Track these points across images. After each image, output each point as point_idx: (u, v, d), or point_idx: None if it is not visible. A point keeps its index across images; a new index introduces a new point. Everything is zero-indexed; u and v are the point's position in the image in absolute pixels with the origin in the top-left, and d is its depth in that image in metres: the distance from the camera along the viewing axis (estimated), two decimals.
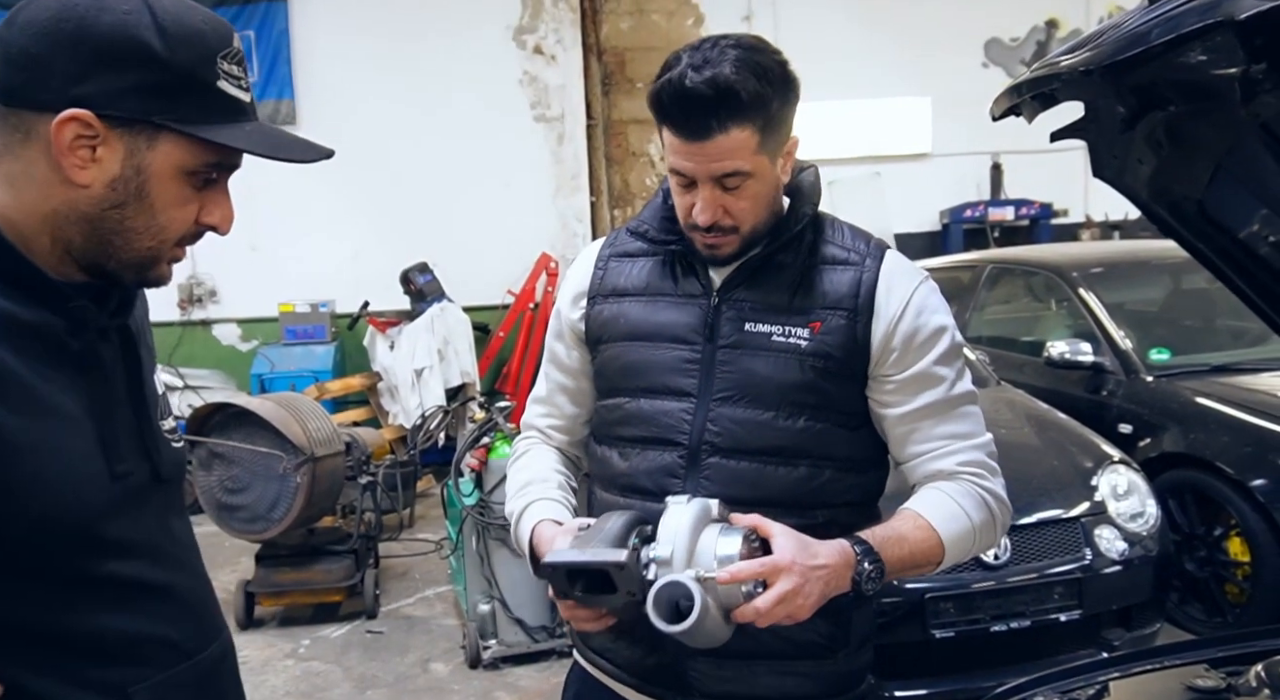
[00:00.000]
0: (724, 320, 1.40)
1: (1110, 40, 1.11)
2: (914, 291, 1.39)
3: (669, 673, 1.41)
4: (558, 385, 1.57)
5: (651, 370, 1.41)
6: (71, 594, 0.97)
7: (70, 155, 0.94)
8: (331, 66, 6.97)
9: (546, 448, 1.59)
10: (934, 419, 1.39)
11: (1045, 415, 3.81)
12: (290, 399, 4.37)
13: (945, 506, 1.36)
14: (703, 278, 1.43)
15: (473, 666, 3.84)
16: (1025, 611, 2.95)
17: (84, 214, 0.97)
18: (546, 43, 7.29)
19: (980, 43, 8.21)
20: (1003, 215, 7.97)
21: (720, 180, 1.31)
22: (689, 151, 1.30)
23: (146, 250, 1.01)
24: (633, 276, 1.48)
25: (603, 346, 1.48)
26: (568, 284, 1.56)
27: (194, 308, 7.03)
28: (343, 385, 6.36)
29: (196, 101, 0.97)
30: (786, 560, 1.17)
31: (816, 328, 1.37)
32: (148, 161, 0.96)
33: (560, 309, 1.55)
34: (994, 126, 1.71)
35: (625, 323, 1.45)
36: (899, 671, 2.92)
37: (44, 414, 0.94)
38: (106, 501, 0.99)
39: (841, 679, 1.44)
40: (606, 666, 1.50)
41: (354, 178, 6.96)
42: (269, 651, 4.09)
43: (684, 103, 1.26)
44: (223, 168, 1.02)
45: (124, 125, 0.94)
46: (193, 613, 1.10)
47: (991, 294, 5.52)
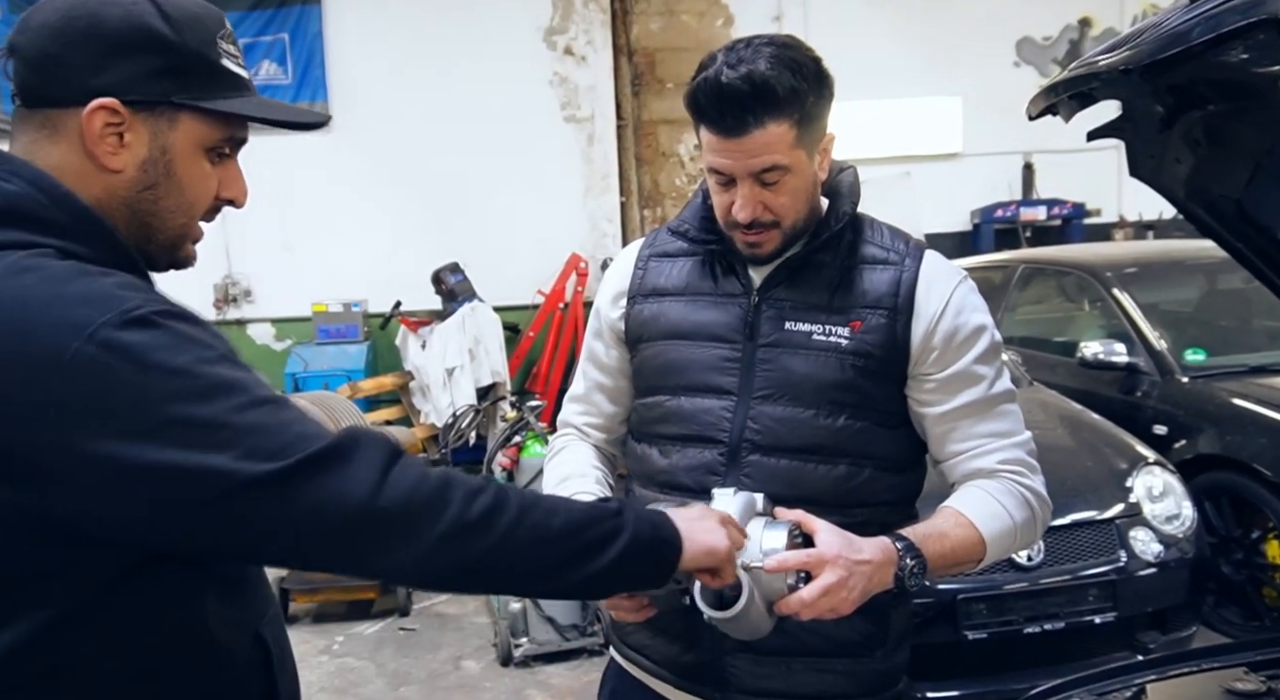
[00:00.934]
0: (764, 319, 1.41)
1: (1150, 39, 1.11)
2: (954, 291, 1.41)
3: (707, 669, 1.42)
4: (595, 384, 1.59)
5: (691, 368, 1.42)
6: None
7: (101, 143, 0.99)
8: (364, 69, 7.04)
9: (584, 444, 1.61)
10: (974, 418, 1.40)
11: (1079, 416, 3.78)
12: (325, 397, 4.39)
13: (986, 504, 1.37)
14: (743, 277, 1.44)
15: (504, 664, 3.87)
16: (1059, 613, 2.93)
17: (123, 199, 1.02)
18: (577, 43, 7.31)
19: (1012, 42, 8.14)
20: (1035, 215, 7.90)
21: (759, 176, 1.32)
22: (727, 148, 1.31)
23: (180, 227, 1.07)
24: (672, 276, 1.49)
25: (642, 345, 1.49)
26: (608, 284, 1.58)
27: (229, 307, 7.10)
28: (375, 384, 6.42)
29: (206, 79, 1.03)
30: (832, 553, 1.18)
31: (857, 327, 1.38)
32: (171, 141, 1.02)
33: (600, 308, 1.58)
34: (1026, 126, 1.71)
35: (665, 322, 1.46)
36: (930, 672, 2.91)
37: None
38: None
39: (878, 678, 1.45)
40: (644, 663, 1.51)
41: (386, 179, 7.03)
42: (303, 647, 4.14)
43: (720, 99, 1.28)
44: (234, 141, 1.09)
45: (145, 109, 1.00)
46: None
47: (1023, 294, 5.49)
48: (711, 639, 1.36)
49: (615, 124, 7.47)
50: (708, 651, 1.41)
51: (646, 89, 7.78)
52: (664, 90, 7.75)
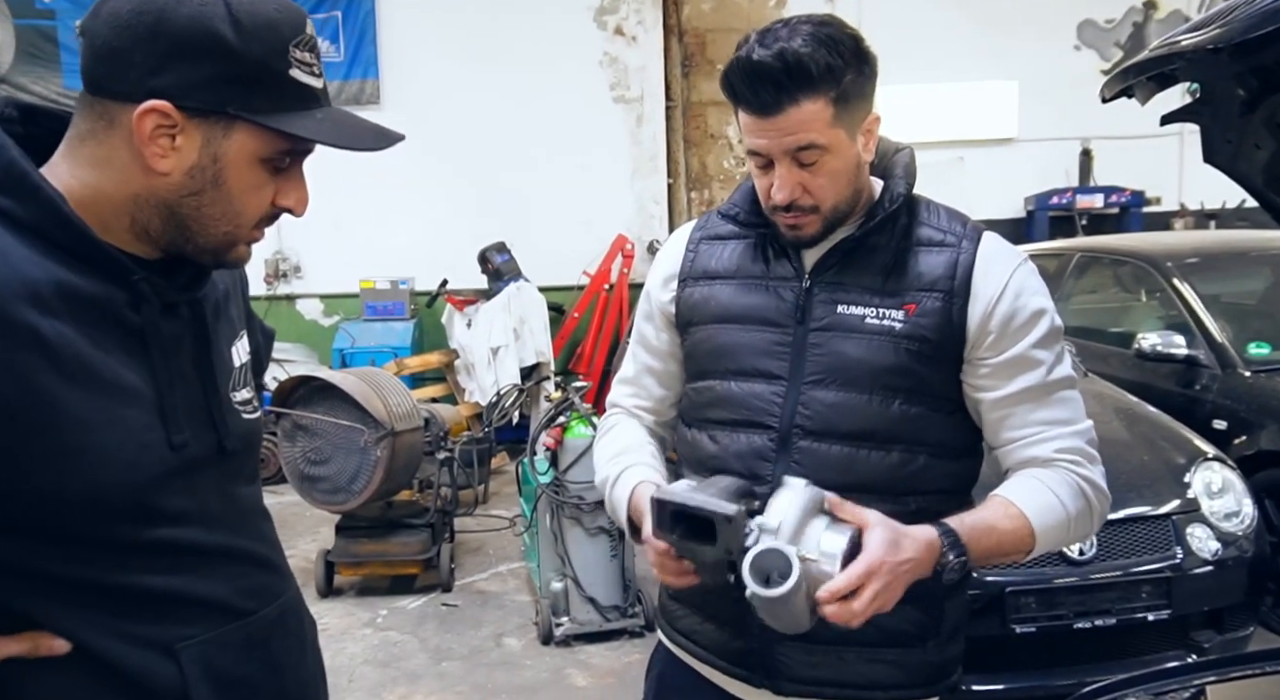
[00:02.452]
0: (815, 302, 1.38)
1: (1241, 17, 1.06)
2: (1013, 273, 1.36)
3: (756, 657, 1.41)
4: (645, 367, 1.58)
5: (741, 353, 1.40)
6: (123, 556, 1.00)
7: (151, 144, 0.96)
8: (416, 47, 7.06)
9: (635, 423, 1.60)
10: (1031, 404, 1.35)
11: (1135, 409, 3.69)
12: (372, 374, 4.46)
13: (1040, 496, 1.33)
14: (794, 260, 1.41)
15: (545, 642, 3.89)
16: (1110, 609, 2.88)
17: (163, 200, 1.00)
18: (628, 24, 7.27)
19: (1073, 24, 7.96)
20: (1091, 202, 7.73)
21: (795, 156, 1.29)
22: (762, 127, 1.29)
23: (223, 235, 1.03)
24: (723, 259, 1.47)
25: (693, 329, 1.47)
26: (658, 266, 1.56)
27: (279, 282, 7.21)
28: (421, 362, 6.47)
29: (269, 91, 0.99)
30: (876, 562, 1.15)
31: (911, 310, 1.35)
32: (224, 150, 0.99)
33: (650, 291, 1.56)
34: (1084, 110, 1.69)
35: (716, 305, 1.44)
36: (977, 665, 2.87)
37: (102, 385, 0.96)
38: (162, 471, 1.01)
39: (931, 669, 1.42)
40: (692, 648, 1.50)
41: (435, 157, 7.06)
42: (348, 620, 4.19)
43: (752, 77, 1.26)
44: (296, 153, 1.04)
45: (201, 115, 0.97)
46: (248, 576, 1.12)
47: (1079, 283, 5.37)
48: (763, 626, 1.32)
49: (664, 105, 7.43)
50: (758, 639, 1.39)
51: (696, 70, 7.71)
52: (714, 71, 7.68)
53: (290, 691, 1.18)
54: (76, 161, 0.99)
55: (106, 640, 0.99)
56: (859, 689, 1.39)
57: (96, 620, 0.98)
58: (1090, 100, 1.80)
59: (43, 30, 6.89)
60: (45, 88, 6.86)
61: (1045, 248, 5.94)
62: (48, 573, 0.96)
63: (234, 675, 1.08)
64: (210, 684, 1.05)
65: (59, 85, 6.87)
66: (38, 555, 0.95)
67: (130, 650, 1.00)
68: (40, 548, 0.95)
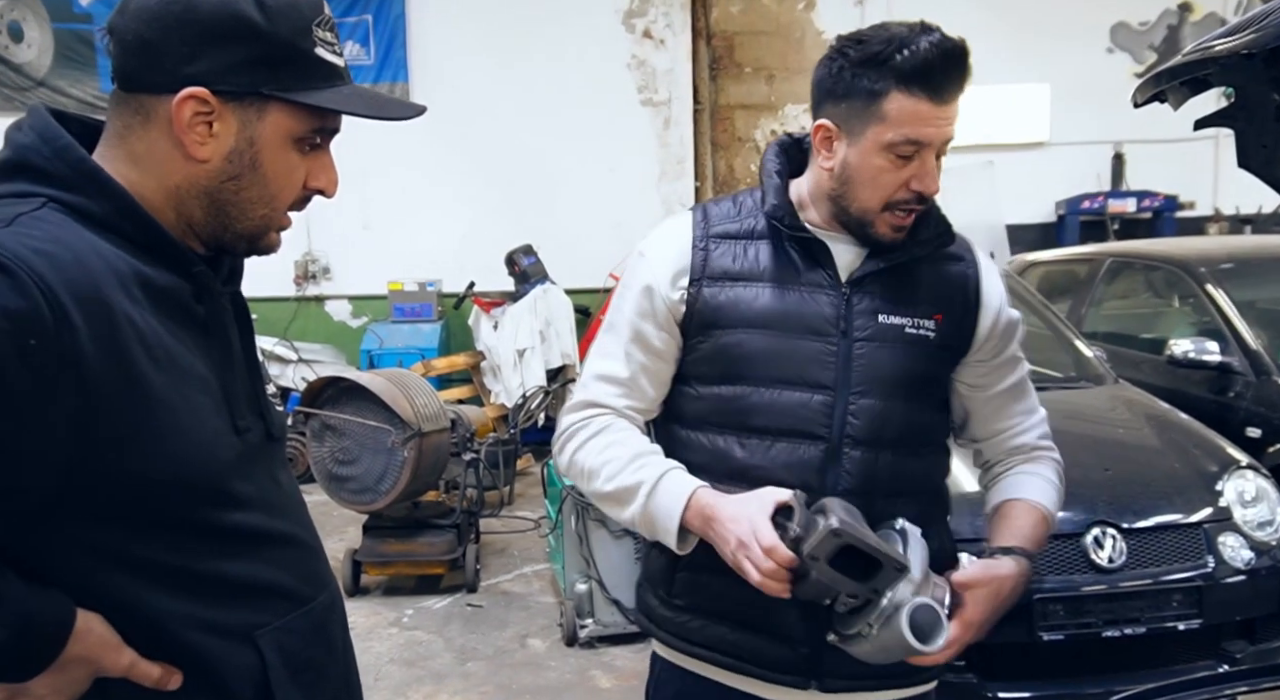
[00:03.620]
0: (856, 312, 1.39)
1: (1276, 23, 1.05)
2: (1002, 287, 1.51)
3: (803, 663, 1.42)
4: (641, 367, 1.47)
5: (785, 361, 1.38)
6: (201, 542, 1.02)
7: (190, 132, 0.99)
8: (444, 51, 7.11)
9: (630, 425, 1.49)
10: (1014, 397, 1.53)
11: (1166, 415, 3.65)
12: (399, 375, 4.50)
13: (1049, 495, 1.51)
14: (829, 268, 1.41)
15: (569, 644, 3.90)
16: (1140, 618, 2.84)
17: (204, 188, 1.02)
18: (656, 26, 7.28)
19: (1106, 27, 7.89)
20: (1123, 207, 7.66)
21: (940, 149, 1.34)
22: (935, 115, 1.30)
23: (261, 218, 1.06)
24: (747, 260, 1.43)
25: (717, 332, 1.42)
26: (661, 263, 1.46)
27: (308, 284, 7.27)
28: (448, 363, 6.50)
29: (298, 70, 1.01)
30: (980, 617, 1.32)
31: (939, 320, 1.42)
32: (259, 132, 1.01)
33: (654, 288, 1.44)
34: (1117, 114, 1.71)
35: (748, 309, 1.40)
36: (1003, 673, 2.85)
37: (181, 372, 0.99)
38: (232, 456, 1.04)
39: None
40: (721, 659, 1.46)
41: (463, 160, 7.10)
42: (374, 619, 4.22)
43: (951, 61, 1.28)
44: (325, 132, 1.07)
45: (235, 99, 0.99)
46: (304, 562, 1.15)
47: (1110, 288, 5.31)
48: (807, 632, 1.38)
49: (692, 108, 7.43)
50: (806, 645, 1.40)
51: (724, 73, 7.71)
52: (742, 75, 7.68)
53: (349, 674, 1.22)
54: (117, 159, 1.01)
55: (191, 631, 1.01)
56: (896, 677, 1.44)
57: (182, 609, 1.00)
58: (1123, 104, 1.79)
59: (80, 34, 7.00)
60: (82, 91, 6.97)
61: (1076, 253, 5.89)
62: (141, 559, 0.97)
63: (303, 660, 1.10)
64: (287, 669, 1.07)
65: (96, 88, 6.97)
66: (131, 541, 0.97)
67: (211, 639, 1.02)
68: (133, 533, 0.97)
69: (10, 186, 0.97)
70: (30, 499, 0.90)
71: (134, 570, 0.97)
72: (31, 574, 0.92)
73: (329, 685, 1.16)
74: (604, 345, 1.51)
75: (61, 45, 7.02)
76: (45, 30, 7.01)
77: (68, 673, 0.94)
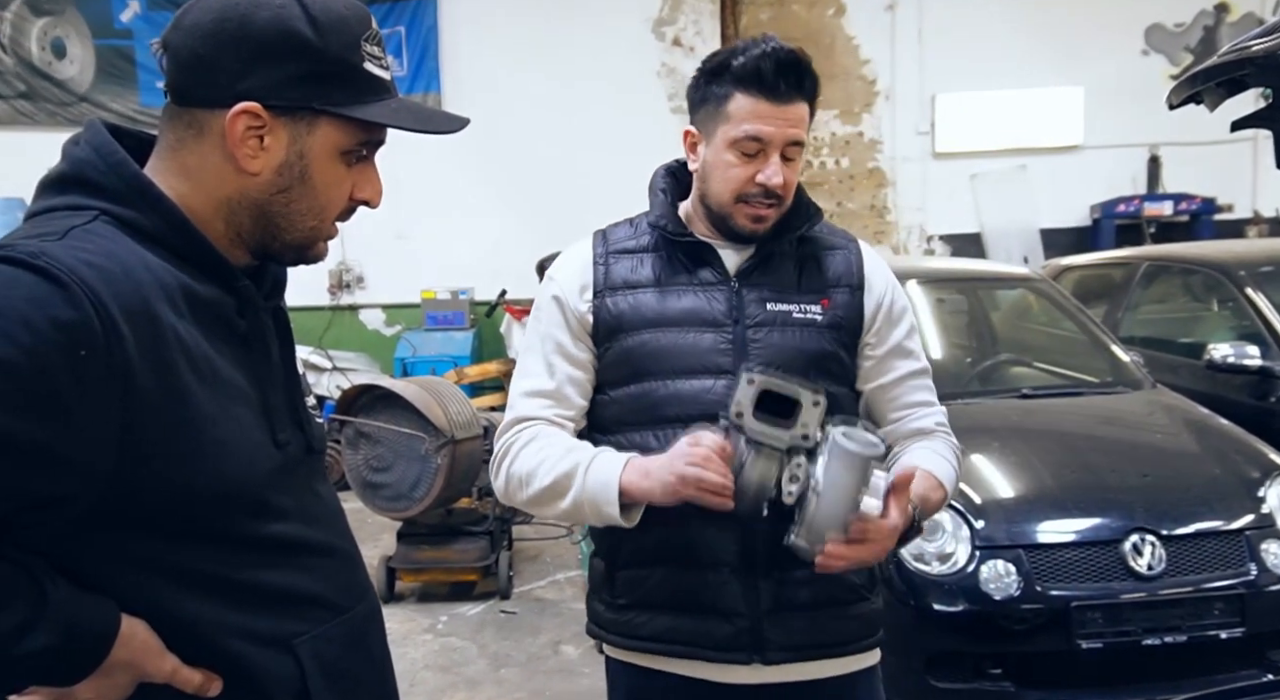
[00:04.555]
0: (747, 302, 1.52)
1: None
2: (889, 274, 1.61)
3: (745, 636, 1.48)
4: (566, 377, 1.54)
5: (686, 353, 1.49)
6: (241, 552, 1.03)
7: (242, 146, 1.00)
8: (476, 61, 7.18)
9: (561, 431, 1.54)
10: (909, 387, 1.60)
11: (1206, 421, 3.60)
12: (432, 383, 4.53)
13: (944, 469, 1.54)
14: (717, 267, 1.54)
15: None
16: (1181, 626, 2.79)
17: (254, 200, 1.04)
18: (685, 34, 7.31)
19: (1140, 29, 7.80)
20: (1160, 210, 7.56)
21: (785, 150, 1.46)
22: (773, 115, 1.44)
23: (310, 229, 1.08)
24: (641, 271, 1.56)
25: (621, 336, 1.53)
26: (566, 278, 1.57)
27: (343, 293, 7.36)
28: (480, 371, 6.55)
29: (347, 84, 1.03)
30: (891, 528, 1.33)
31: (825, 304, 1.54)
32: (309, 146, 1.03)
33: (563, 299, 1.55)
34: (1152, 116, 1.71)
35: (648, 311, 1.52)
36: (1040, 681, 2.82)
37: (223, 384, 1.01)
38: (271, 468, 1.05)
39: (876, 618, 1.59)
40: (668, 649, 1.52)
41: (495, 169, 7.16)
42: (409, 625, 4.25)
43: (783, 64, 1.42)
44: (372, 144, 1.09)
45: (286, 113, 1.01)
46: (342, 572, 1.16)
47: (1146, 293, 5.25)
48: (749, 604, 1.47)
49: None
50: (746, 618, 1.48)
51: None
52: None
53: (388, 684, 1.23)
54: (168, 172, 1.04)
55: (231, 639, 1.02)
56: (834, 646, 1.53)
57: (222, 617, 1.01)
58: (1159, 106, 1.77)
59: (121, 50, 7.14)
60: (123, 105, 7.11)
61: (1111, 257, 5.82)
62: (182, 568, 0.99)
63: (341, 669, 1.11)
64: (325, 678, 1.08)
65: (136, 103, 7.11)
66: (172, 550, 0.98)
67: (251, 647, 1.03)
68: (174, 543, 0.98)
69: (65, 199, 0.99)
70: (77, 508, 0.92)
71: (175, 579, 0.99)
72: (76, 581, 0.94)
73: (367, 694, 1.17)
74: (525, 365, 1.59)
75: (103, 61, 7.16)
76: (87, 47, 7.16)
77: (112, 677, 0.96)
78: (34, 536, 0.93)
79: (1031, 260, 7.29)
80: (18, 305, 0.86)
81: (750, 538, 1.46)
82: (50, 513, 0.92)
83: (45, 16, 7.11)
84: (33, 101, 7.13)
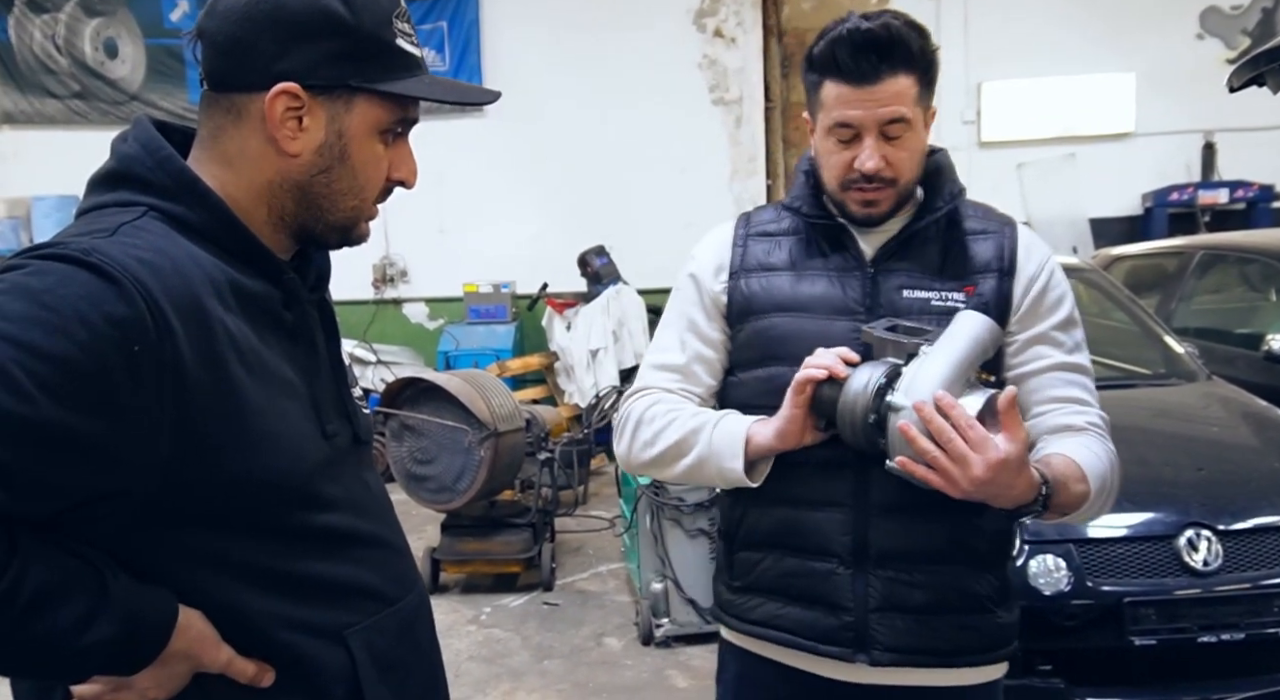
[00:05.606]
0: (882, 289, 1.46)
1: None
2: (1048, 259, 1.51)
3: (849, 630, 1.44)
4: (696, 355, 1.56)
5: (815, 339, 1.44)
6: (292, 543, 1.04)
7: (282, 127, 1.01)
8: (517, 55, 7.19)
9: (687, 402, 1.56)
10: (1055, 380, 1.47)
11: (1264, 413, 3.50)
12: (475, 376, 4.55)
13: (1097, 466, 1.40)
14: (853, 251, 1.49)
15: (645, 643, 3.90)
16: (1238, 623, 2.72)
17: (296, 182, 1.04)
18: (727, 25, 7.26)
19: (1195, 12, 7.59)
20: (1215, 198, 7.36)
21: (884, 129, 1.38)
22: (859, 98, 1.37)
23: (351, 209, 1.08)
24: (778, 254, 1.53)
25: (752, 318, 1.51)
26: (705, 257, 1.59)
27: (386, 287, 7.42)
28: (522, 364, 6.57)
29: (381, 61, 1.04)
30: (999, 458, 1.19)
31: (970, 291, 1.46)
32: (347, 125, 1.04)
33: (698, 277, 1.57)
34: (1207, 102, 1.66)
35: (779, 294, 1.49)
36: (1092, 678, 2.76)
37: (271, 377, 1.02)
38: (321, 459, 1.06)
39: (1002, 633, 1.49)
40: (774, 635, 1.50)
41: (536, 163, 7.17)
42: (453, 617, 4.28)
43: (857, 47, 1.35)
44: (407, 122, 1.09)
45: (324, 92, 1.02)
46: (391, 563, 1.16)
47: (1201, 283, 5.13)
48: (856, 598, 1.42)
49: (763, 106, 7.38)
50: (852, 613, 1.43)
51: (796, 70, 7.64)
52: None
53: (436, 675, 1.23)
54: (211, 161, 1.04)
55: (283, 630, 1.03)
56: (946, 655, 1.45)
57: (275, 609, 1.02)
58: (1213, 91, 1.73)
59: (171, 49, 7.26)
60: (173, 104, 7.23)
61: (1164, 246, 5.69)
62: (234, 560, 1.00)
63: (391, 660, 1.12)
64: (376, 668, 1.09)
65: (185, 101, 7.22)
66: (224, 542, 0.99)
67: (303, 638, 1.04)
68: (225, 535, 0.99)
69: (114, 195, 1.01)
70: (133, 502, 0.93)
71: (227, 571, 1.00)
72: (131, 573, 0.95)
73: (416, 685, 1.17)
74: (659, 340, 1.62)
75: (153, 60, 7.28)
76: (138, 46, 7.28)
77: (170, 667, 0.97)
78: (91, 531, 0.94)
79: (1081, 250, 7.15)
80: (73, 302, 0.86)
81: (863, 529, 1.42)
82: (107, 507, 0.93)
83: (98, 17, 7.24)
84: (86, 101, 7.27)
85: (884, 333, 1.33)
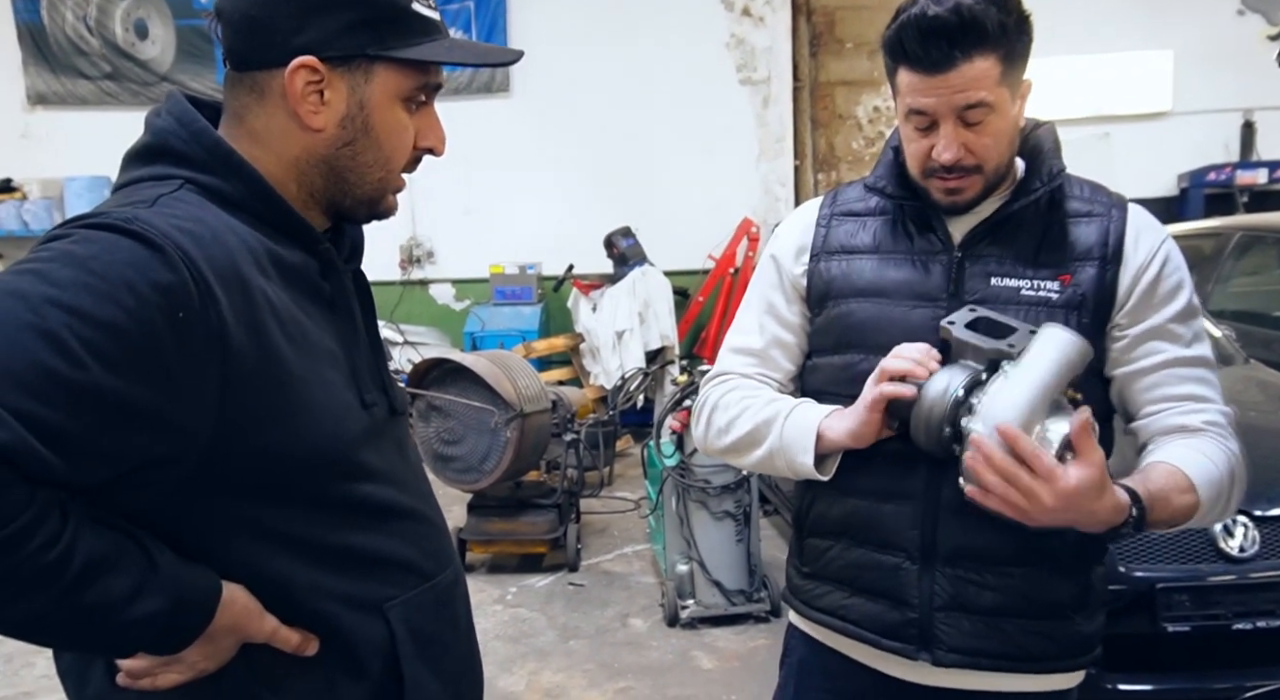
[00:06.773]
0: (968, 276, 1.37)
1: None
2: (1161, 244, 1.38)
3: (912, 627, 1.39)
4: (774, 339, 1.52)
5: (894, 327, 1.37)
6: (333, 514, 1.04)
7: (304, 102, 1.01)
8: (544, 35, 7.14)
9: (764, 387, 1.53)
10: (1172, 376, 1.36)
11: None
12: (502, 356, 4.55)
13: (1208, 472, 1.29)
14: (940, 233, 1.40)
15: (670, 624, 3.91)
16: (1275, 611, 2.68)
17: (322, 156, 1.04)
18: (755, 4, 7.17)
19: None
20: (1254, 178, 7.20)
21: (962, 115, 1.30)
22: (931, 85, 1.29)
23: (378, 181, 1.08)
24: (861, 235, 1.46)
25: (830, 303, 1.45)
26: (787, 238, 1.54)
27: (413, 268, 7.43)
28: (548, 345, 6.57)
29: (398, 28, 1.03)
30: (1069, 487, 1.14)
31: (1066, 280, 1.35)
32: (368, 94, 1.03)
33: (779, 259, 1.52)
34: (1247, 79, 1.58)
35: (859, 279, 1.42)
36: (1125, 664, 2.73)
37: (311, 347, 1.02)
38: (361, 430, 1.06)
39: (1080, 641, 1.41)
40: (839, 625, 1.47)
41: (563, 144, 7.14)
42: (480, 596, 4.30)
43: (926, 33, 1.26)
44: (430, 87, 1.08)
45: (343, 64, 1.01)
46: (429, 538, 1.16)
47: (1239, 264, 5.03)
48: (922, 595, 1.37)
49: (791, 86, 7.30)
50: (916, 609, 1.38)
51: (824, 49, 7.56)
52: (843, 51, 7.51)
53: (472, 651, 1.24)
54: (239, 139, 1.04)
55: (325, 602, 1.03)
56: (1015, 660, 1.38)
57: (316, 580, 1.03)
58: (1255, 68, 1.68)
59: (200, 30, 7.28)
60: (202, 84, 7.25)
61: (1201, 227, 5.59)
62: (276, 531, 1.00)
63: (429, 634, 1.12)
64: (414, 642, 1.09)
65: (214, 81, 7.24)
66: (267, 513, 0.99)
67: (344, 610, 1.04)
68: (268, 506, 0.99)
69: (150, 169, 1.01)
70: (180, 471, 0.93)
71: (271, 542, 1.00)
72: (175, 547, 0.95)
73: (452, 661, 1.17)
74: (739, 321, 1.57)
75: (183, 41, 7.31)
76: (169, 27, 7.31)
77: (216, 641, 0.98)
78: (134, 502, 0.94)
79: None
80: (119, 269, 0.86)
81: (931, 525, 1.36)
82: (155, 474, 0.93)
83: None
84: (117, 82, 7.31)
85: (964, 333, 1.26)
